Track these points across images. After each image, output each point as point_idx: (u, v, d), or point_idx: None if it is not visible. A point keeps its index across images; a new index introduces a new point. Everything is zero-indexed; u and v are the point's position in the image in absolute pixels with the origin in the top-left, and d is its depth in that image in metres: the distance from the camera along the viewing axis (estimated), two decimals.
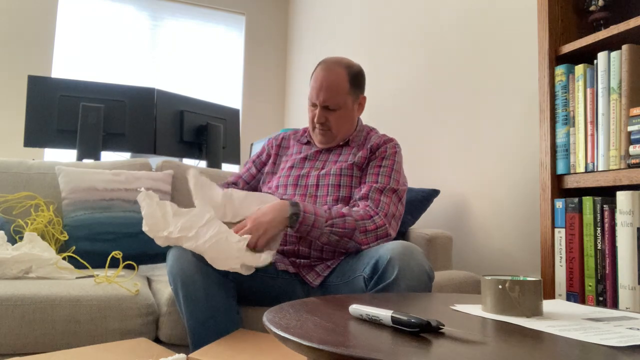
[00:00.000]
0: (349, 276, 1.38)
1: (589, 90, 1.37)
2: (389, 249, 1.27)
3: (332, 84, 1.52)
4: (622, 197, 1.22)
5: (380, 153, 1.55)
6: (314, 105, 1.56)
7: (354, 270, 1.37)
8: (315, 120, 1.55)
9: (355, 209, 1.43)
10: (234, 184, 1.70)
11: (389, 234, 1.44)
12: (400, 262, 1.22)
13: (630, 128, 1.25)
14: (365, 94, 1.73)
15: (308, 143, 1.66)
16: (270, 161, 1.68)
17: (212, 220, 1.31)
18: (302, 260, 1.48)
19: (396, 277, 1.21)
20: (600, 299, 1.28)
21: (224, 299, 1.31)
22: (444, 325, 0.70)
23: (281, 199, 1.54)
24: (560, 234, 1.40)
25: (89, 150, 2.20)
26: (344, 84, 1.54)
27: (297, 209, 1.35)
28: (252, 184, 1.69)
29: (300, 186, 1.54)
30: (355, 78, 1.57)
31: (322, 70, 1.55)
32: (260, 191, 1.66)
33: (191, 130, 2.48)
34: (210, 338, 1.25)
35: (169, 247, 1.85)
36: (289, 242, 1.48)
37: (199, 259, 1.30)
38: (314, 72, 1.58)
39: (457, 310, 0.89)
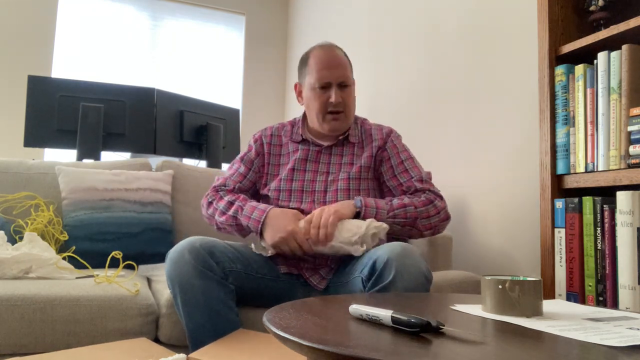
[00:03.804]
0: (348, 277, 1.38)
1: (589, 90, 1.37)
2: (386, 250, 1.27)
3: (341, 60, 1.52)
4: (622, 197, 1.22)
5: (390, 148, 1.55)
6: (324, 87, 1.49)
7: (352, 271, 1.37)
8: (334, 100, 1.48)
9: (415, 198, 1.46)
10: (224, 187, 1.59)
11: (449, 216, 1.50)
12: (397, 263, 1.22)
13: (630, 128, 1.25)
14: (365, 93, 1.74)
15: (304, 141, 1.57)
16: (265, 161, 1.58)
17: None
18: (305, 263, 1.47)
19: (393, 279, 1.21)
20: (600, 299, 1.28)
21: (223, 302, 1.30)
22: (444, 325, 0.70)
23: (287, 205, 1.48)
24: (560, 234, 1.40)
25: (89, 150, 2.20)
26: (348, 62, 1.55)
27: (359, 203, 1.39)
28: (243, 183, 1.58)
29: (306, 192, 1.50)
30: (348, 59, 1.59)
31: (327, 50, 1.51)
32: (257, 192, 1.62)
33: (191, 130, 2.48)
34: (209, 341, 1.25)
35: (168, 249, 1.85)
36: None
37: (197, 263, 1.29)
38: (312, 56, 1.53)
39: (457, 310, 0.89)
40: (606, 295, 1.27)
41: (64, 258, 1.67)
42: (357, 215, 1.39)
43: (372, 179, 1.53)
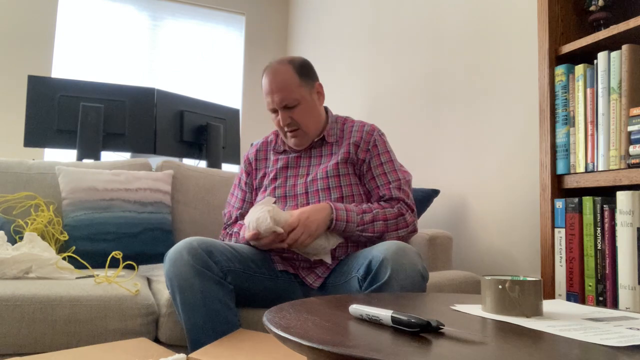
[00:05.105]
0: (345, 277, 1.39)
1: (589, 90, 1.37)
2: (382, 249, 1.27)
3: (281, 83, 1.51)
4: (622, 197, 1.22)
5: (372, 148, 1.54)
6: (274, 111, 1.54)
7: (349, 271, 1.37)
8: (282, 123, 1.53)
9: (388, 208, 1.46)
10: (230, 220, 1.65)
11: (417, 230, 1.53)
12: (393, 262, 1.22)
13: (630, 128, 1.25)
14: (365, 94, 1.73)
15: (285, 151, 1.61)
16: (254, 177, 1.64)
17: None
18: (301, 262, 1.48)
19: (389, 278, 1.21)
20: (600, 299, 1.28)
21: (222, 303, 1.30)
22: (444, 325, 0.70)
23: None
24: (560, 234, 1.40)
25: (89, 150, 2.20)
26: (294, 79, 1.52)
27: (331, 215, 1.40)
28: (244, 207, 1.64)
29: (289, 197, 1.53)
30: (302, 69, 1.55)
31: (268, 74, 1.53)
32: None
33: (191, 130, 2.48)
34: (208, 341, 1.25)
35: (168, 249, 1.85)
36: (287, 250, 1.48)
37: (196, 262, 1.29)
38: (262, 80, 1.56)
39: (457, 310, 0.89)
40: (606, 295, 1.27)
41: (64, 258, 1.67)
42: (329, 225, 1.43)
43: (352, 173, 1.54)
